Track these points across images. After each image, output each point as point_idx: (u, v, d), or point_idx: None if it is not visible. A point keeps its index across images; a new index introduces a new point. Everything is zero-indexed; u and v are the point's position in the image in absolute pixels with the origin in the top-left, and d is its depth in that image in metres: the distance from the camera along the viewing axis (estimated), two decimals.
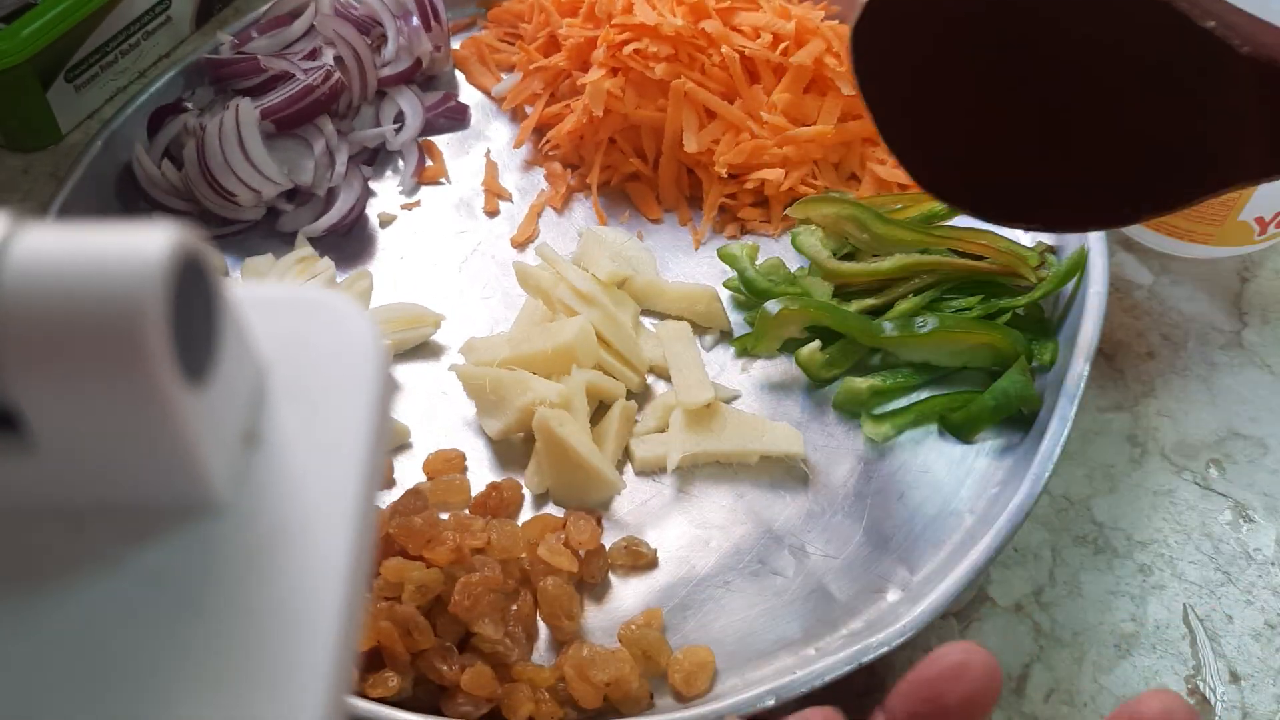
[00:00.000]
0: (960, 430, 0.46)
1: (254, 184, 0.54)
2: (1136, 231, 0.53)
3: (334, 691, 0.19)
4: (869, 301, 0.49)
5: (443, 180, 0.58)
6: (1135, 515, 0.46)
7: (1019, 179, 0.39)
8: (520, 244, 0.55)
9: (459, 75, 0.63)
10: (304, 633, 0.19)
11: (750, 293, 0.50)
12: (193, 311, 0.18)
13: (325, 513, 0.20)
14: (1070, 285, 0.48)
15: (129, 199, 0.56)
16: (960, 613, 0.43)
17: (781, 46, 0.55)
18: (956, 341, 0.47)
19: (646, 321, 0.52)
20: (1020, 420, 0.46)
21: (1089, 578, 0.44)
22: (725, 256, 0.52)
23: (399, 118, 0.59)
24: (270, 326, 0.21)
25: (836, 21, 0.56)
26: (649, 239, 0.55)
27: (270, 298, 0.22)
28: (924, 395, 0.48)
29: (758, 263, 0.51)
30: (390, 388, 0.22)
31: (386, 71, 0.59)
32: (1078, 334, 0.46)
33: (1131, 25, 0.33)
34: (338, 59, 0.57)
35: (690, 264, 0.54)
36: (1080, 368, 0.44)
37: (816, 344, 0.48)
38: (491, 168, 0.58)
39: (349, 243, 0.56)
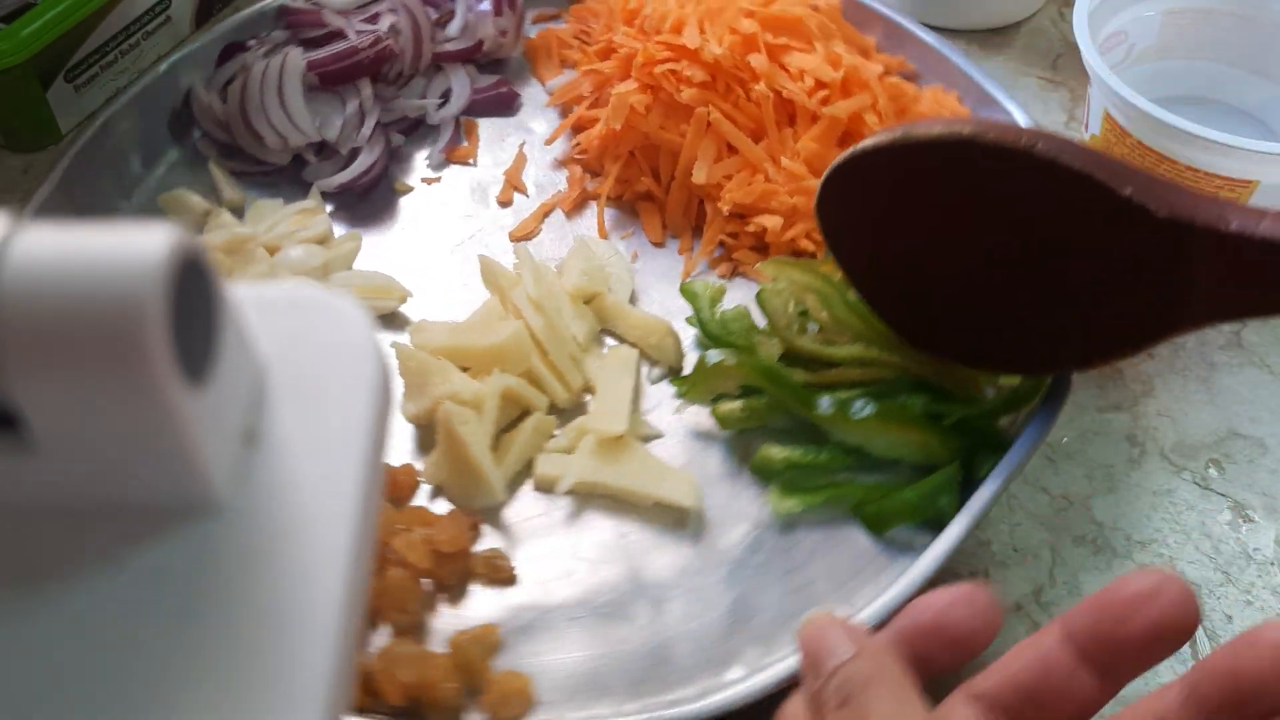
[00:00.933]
0: (873, 522, 0.44)
1: (282, 129, 0.56)
2: None
3: (333, 691, 0.19)
4: (813, 375, 0.46)
5: (470, 161, 0.59)
6: (1135, 515, 0.46)
7: (974, 327, 0.42)
8: (517, 238, 0.55)
9: (528, 64, 0.63)
10: (303, 632, 0.19)
11: (703, 334, 0.48)
12: (193, 311, 0.18)
13: (325, 512, 0.20)
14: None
15: (183, 129, 0.59)
16: None
17: (821, 94, 0.52)
18: (892, 433, 0.44)
19: (611, 341, 0.51)
20: (941, 524, 0.42)
21: (1088, 578, 0.44)
22: (686, 293, 0.50)
23: (448, 93, 0.60)
24: (270, 326, 0.21)
25: (899, 79, 0.55)
26: (645, 261, 0.54)
27: (270, 298, 0.22)
28: (843, 477, 0.45)
29: (724, 307, 0.49)
30: (390, 387, 0.22)
31: (446, 47, 0.60)
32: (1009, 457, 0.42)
33: (1060, 195, 0.36)
34: (394, 27, 0.58)
35: (674, 294, 0.52)
36: (989, 490, 0.41)
37: (738, 405, 0.46)
38: (520, 160, 0.58)
39: (362, 204, 0.57)
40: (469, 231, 0.56)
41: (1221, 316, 0.37)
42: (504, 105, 0.61)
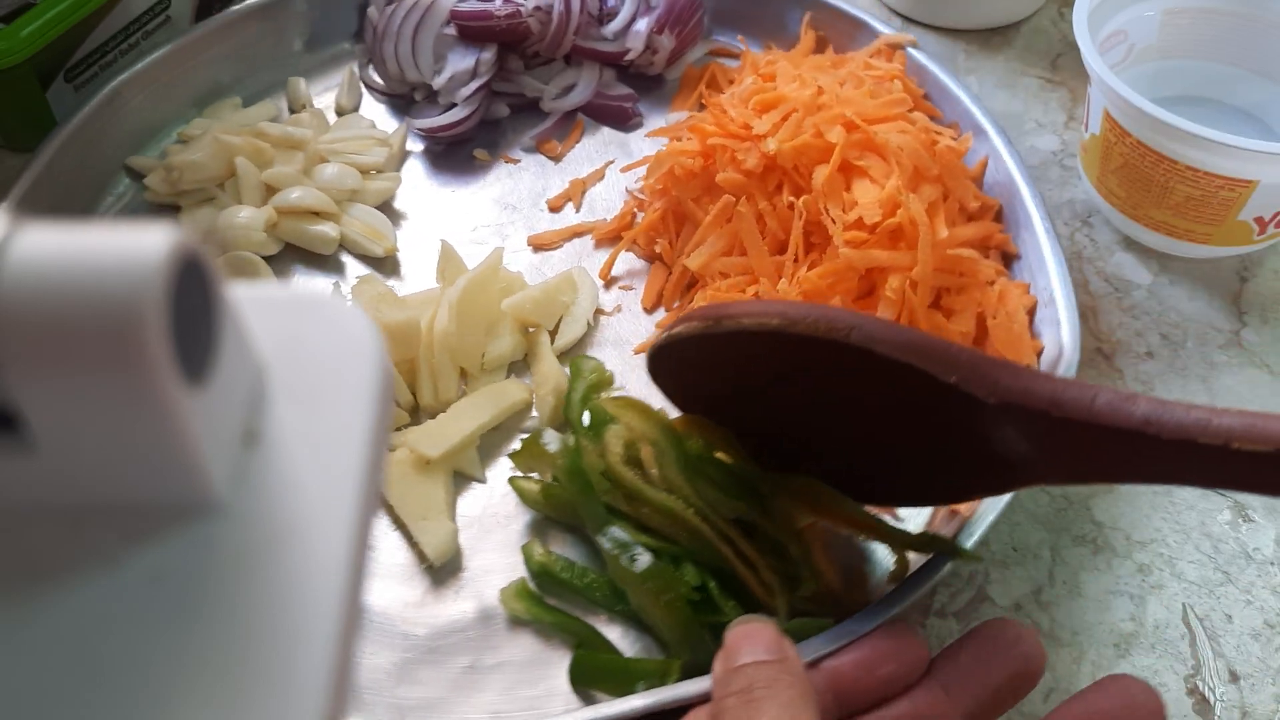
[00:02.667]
0: (575, 671, 0.41)
1: (402, 62, 0.59)
2: (1136, 231, 0.53)
3: (334, 692, 0.19)
4: (629, 506, 0.43)
5: (551, 158, 0.59)
6: (1134, 515, 0.46)
7: (828, 470, 0.41)
8: (534, 244, 0.55)
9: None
10: (303, 633, 0.19)
11: (566, 409, 0.47)
12: (192, 311, 0.18)
13: (324, 512, 0.20)
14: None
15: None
16: (959, 612, 0.43)
17: (858, 235, 0.47)
18: (648, 595, 0.41)
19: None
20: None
21: (1088, 577, 0.44)
22: (572, 365, 0.48)
23: (573, 87, 0.60)
24: (270, 326, 0.21)
25: (969, 252, 0.48)
26: (623, 319, 0.52)
27: (270, 298, 0.22)
28: (593, 609, 0.43)
29: (612, 394, 0.47)
30: (390, 388, 0.22)
31: (590, 44, 0.60)
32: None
33: (885, 377, 0.35)
34: (540, 7, 0.58)
35: (624, 357, 0.51)
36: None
37: (535, 485, 0.45)
38: (595, 175, 0.58)
39: (436, 157, 0.59)
40: (501, 220, 0.56)
41: (1071, 480, 0.36)
42: (618, 118, 0.60)
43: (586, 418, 0.45)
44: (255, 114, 0.60)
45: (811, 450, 0.41)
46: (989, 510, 0.41)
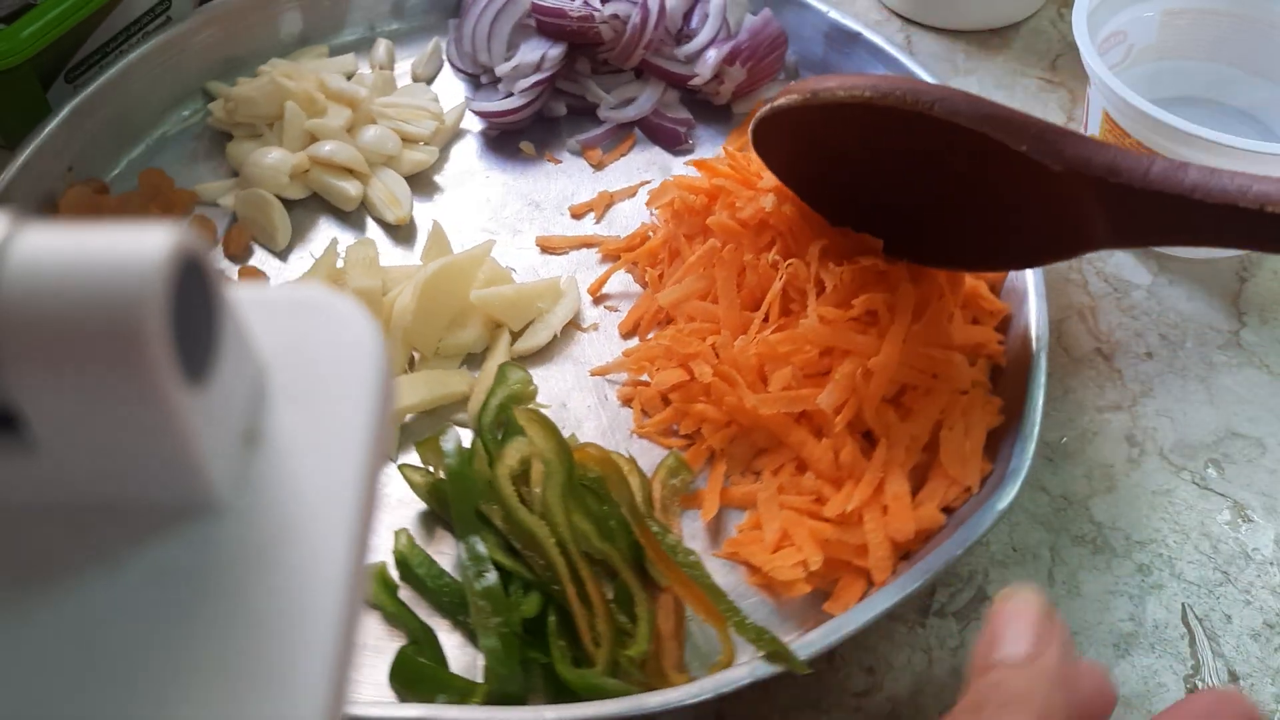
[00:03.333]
0: (395, 669, 0.40)
1: (476, 43, 0.61)
2: None
3: (334, 692, 0.19)
4: (504, 521, 0.42)
5: (592, 165, 0.58)
6: (1134, 515, 0.46)
7: (913, 235, 0.45)
8: (540, 243, 0.55)
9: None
10: (304, 634, 0.19)
11: (481, 412, 0.46)
12: (193, 312, 0.18)
13: (325, 513, 0.20)
14: None
15: None
16: (959, 612, 0.43)
17: (825, 310, 0.45)
18: (483, 617, 0.40)
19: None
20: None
21: (1088, 577, 0.44)
22: (499, 372, 0.48)
23: (633, 100, 0.60)
24: (270, 326, 0.21)
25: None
26: (598, 339, 0.51)
27: (270, 298, 0.22)
28: (438, 610, 0.42)
29: (529, 399, 0.47)
30: (391, 388, 0.22)
31: (660, 61, 0.59)
32: None
33: (963, 146, 0.39)
34: (616, 15, 0.58)
35: (575, 377, 0.50)
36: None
37: (420, 476, 0.45)
38: (628, 191, 0.57)
39: (489, 141, 0.60)
40: (522, 215, 0.56)
41: (1128, 243, 0.42)
42: (669, 141, 0.59)
43: (503, 426, 0.45)
44: (333, 64, 0.62)
45: (896, 217, 0.45)
46: (981, 522, 0.41)
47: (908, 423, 0.44)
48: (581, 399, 0.49)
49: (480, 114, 0.59)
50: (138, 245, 0.17)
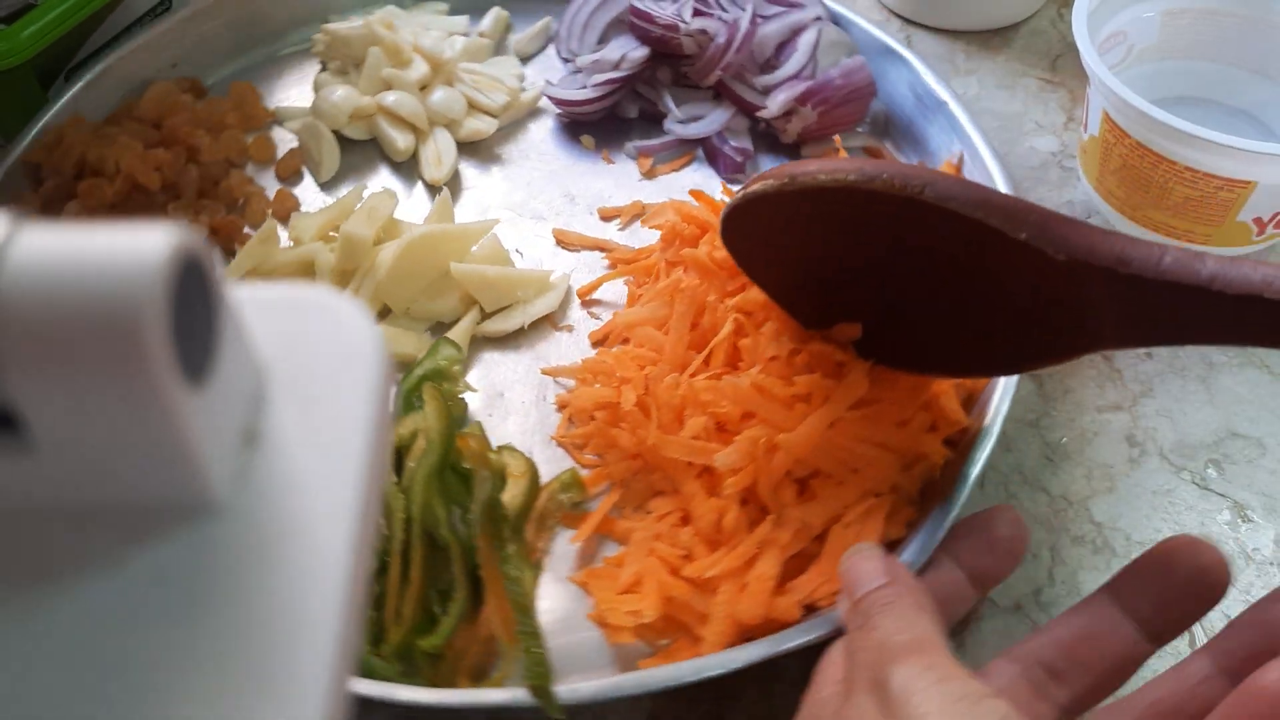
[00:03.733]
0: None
1: (572, 29, 0.63)
2: (1135, 231, 0.53)
3: (334, 692, 0.19)
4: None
5: (642, 173, 0.59)
6: (1134, 515, 0.46)
7: (894, 339, 0.42)
8: (558, 235, 0.55)
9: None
10: (304, 634, 0.19)
11: (404, 379, 0.47)
12: (193, 311, 0.18)
13: (325, 513, 0.20)
14: None
15: None
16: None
17: (758, 373, 0.43)
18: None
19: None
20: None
21: (1088, 577, 0.44)
22: (437, 341, 0.49)
23: (701, 117, 0.60)
24: (270, 326, 0.21)
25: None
26: (567, 341, 0.52)
27: (270, 298, 0.22)
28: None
29: (463, 367, 0.49)
30: (390, 388, 0.22)
31: (734, 85, 0.59)
32: None
33: (956, 234, 0.35)
34: (703, 30, 0.58)
35: (527, 371, 0.50)
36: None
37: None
38: (667, 205, 0.55)
39: (561, 126, 0.61)
40: (554, 206, 0.57)
41: (1135, 342, 0.36)
42: (725, 166, 0.59)
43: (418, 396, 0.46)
44: (443, 22, 0.65)
45: (876, 316, 0.41)
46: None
47: (803, 507, 0.41)
48: (521, 393, 0.49)
49: (552, 98, 0.61)
50: (138, 246, 0.17)
